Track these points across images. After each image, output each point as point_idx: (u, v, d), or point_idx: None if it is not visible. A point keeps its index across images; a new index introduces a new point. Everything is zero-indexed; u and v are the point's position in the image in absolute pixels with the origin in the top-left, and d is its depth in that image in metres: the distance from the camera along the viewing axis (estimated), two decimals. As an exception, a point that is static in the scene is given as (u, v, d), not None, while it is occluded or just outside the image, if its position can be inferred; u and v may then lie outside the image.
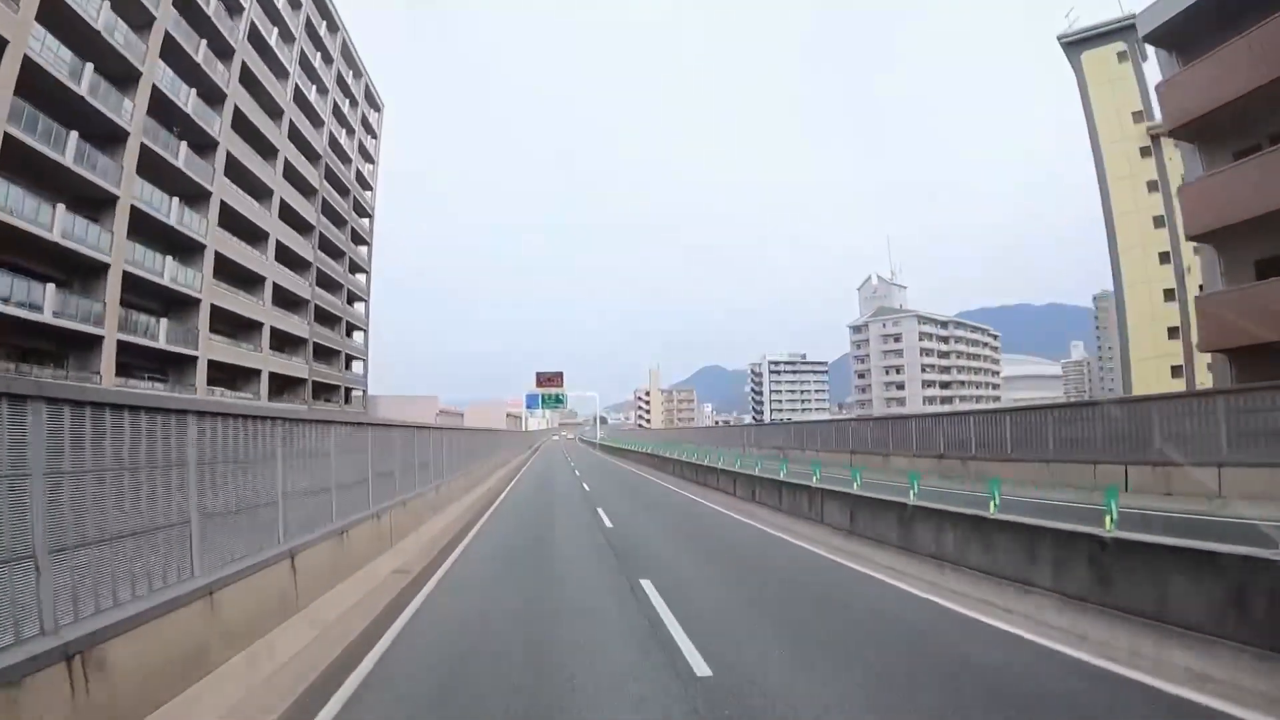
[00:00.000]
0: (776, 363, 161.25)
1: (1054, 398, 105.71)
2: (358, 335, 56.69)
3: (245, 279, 37.09)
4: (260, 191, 38.84)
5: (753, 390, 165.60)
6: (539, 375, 70.99)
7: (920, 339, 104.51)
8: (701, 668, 4.98)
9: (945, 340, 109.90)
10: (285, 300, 42.20)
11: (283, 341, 42.13)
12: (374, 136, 61.00)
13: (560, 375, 71.12)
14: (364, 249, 57.91)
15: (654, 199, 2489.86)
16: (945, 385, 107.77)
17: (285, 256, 41.60)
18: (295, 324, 43.32)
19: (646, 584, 7.88)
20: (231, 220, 35.25)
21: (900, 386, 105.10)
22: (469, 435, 23.20)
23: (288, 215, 42.09)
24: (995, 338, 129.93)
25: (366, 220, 58.68)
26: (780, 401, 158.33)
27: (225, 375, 35.43)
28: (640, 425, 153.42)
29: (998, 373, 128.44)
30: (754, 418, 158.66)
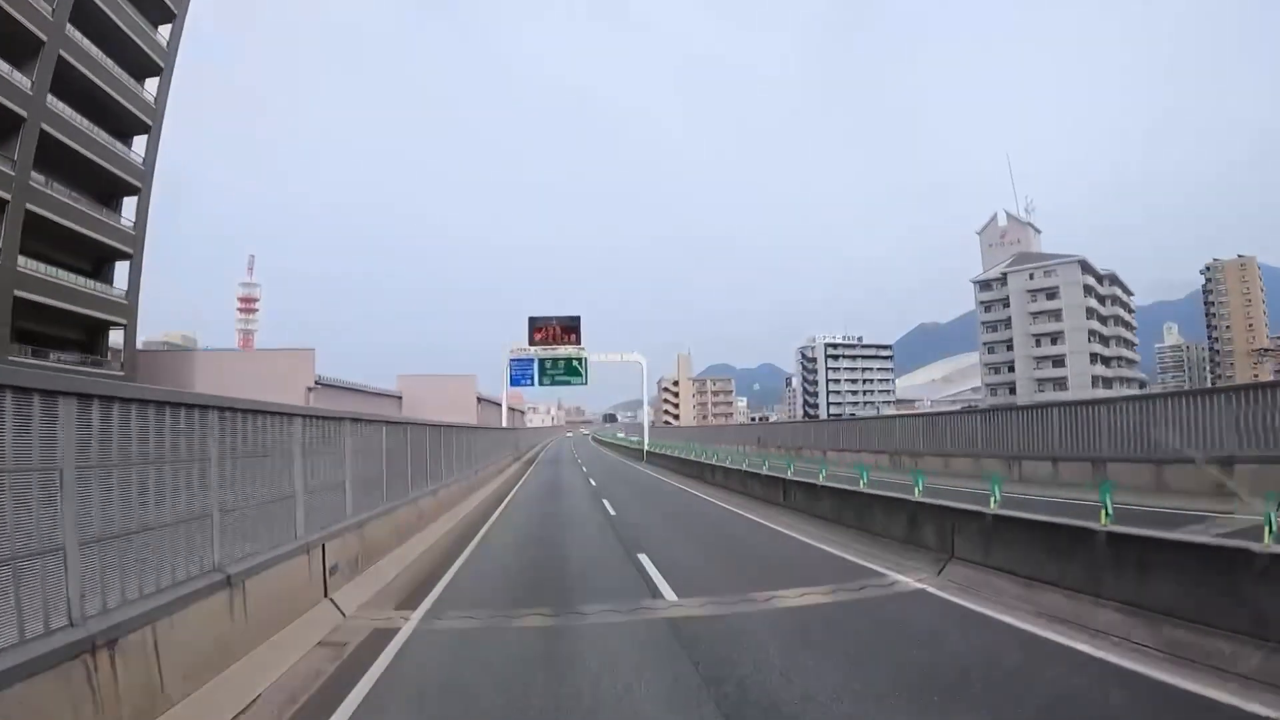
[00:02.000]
0: (834, 345, 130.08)
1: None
2: (129, 205, 25.77)
3: None
4: None
5: (805, 380, 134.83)
6: (533, 323, 39.73)
7: (1084, 295, 73.23)
8: None
9: (1103, 301, 78.66)
10: None
11: None
12: None
13: (576, 323, 39.97)
14: (166, 29, 27.21)
15: (659, 198, 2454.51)
16: (1107, 361, 76.83)
17: None
18: None
19: None
20: None
21: (1058, 362, 73.73)
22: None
23: None
24: (1131, 296, 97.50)
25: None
26: (839, 392, 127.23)
27: None
28: (667, 422, 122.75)
29: (1135, 344, 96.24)
30: (806, 412, 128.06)
